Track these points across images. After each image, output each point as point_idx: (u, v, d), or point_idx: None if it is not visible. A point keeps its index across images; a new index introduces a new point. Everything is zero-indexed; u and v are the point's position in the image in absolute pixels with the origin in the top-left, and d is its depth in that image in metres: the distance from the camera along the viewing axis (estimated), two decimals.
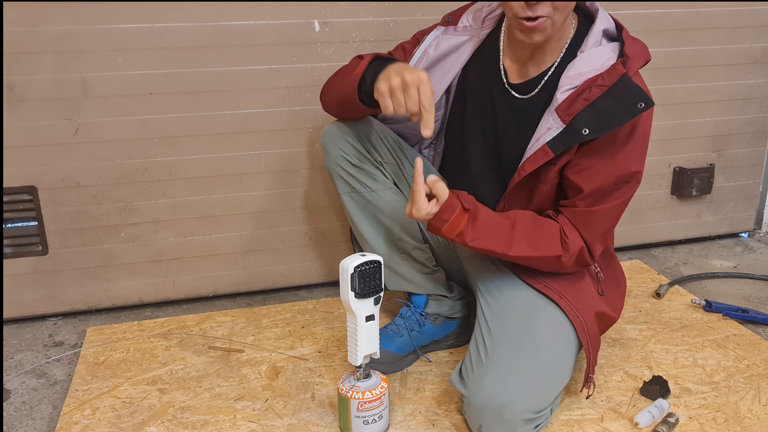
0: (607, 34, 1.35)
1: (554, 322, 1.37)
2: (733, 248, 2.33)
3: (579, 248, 1.35)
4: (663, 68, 2.08)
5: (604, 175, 1.32)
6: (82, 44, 1.67)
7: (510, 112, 1.42)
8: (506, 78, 1.42)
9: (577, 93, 1.29)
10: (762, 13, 2.13)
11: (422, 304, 1.63)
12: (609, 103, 1.26)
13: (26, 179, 1.74)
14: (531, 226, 1.34)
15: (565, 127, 1.29)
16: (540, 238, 1.34)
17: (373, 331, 1.33)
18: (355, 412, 1.32)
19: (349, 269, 1.26)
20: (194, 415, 1.43)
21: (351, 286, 1.27)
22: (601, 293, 1.47)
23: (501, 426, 1.25)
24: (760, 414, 1.42)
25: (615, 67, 1.28)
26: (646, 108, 1.26)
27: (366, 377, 1.34)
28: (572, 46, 1.36)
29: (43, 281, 1.84)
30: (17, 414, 1.47)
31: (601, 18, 1.35)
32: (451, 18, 1.49)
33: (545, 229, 1.34)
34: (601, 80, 1.28)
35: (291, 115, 1.85)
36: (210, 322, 1.84)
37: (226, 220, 1.91)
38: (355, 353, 1.32)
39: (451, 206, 1.28)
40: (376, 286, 1.30)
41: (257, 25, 1.76)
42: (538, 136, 1.33)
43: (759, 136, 2.29)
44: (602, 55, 1.31)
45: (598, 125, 1.27)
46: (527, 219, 1.35)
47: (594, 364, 1.40)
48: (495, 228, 1.32)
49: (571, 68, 1.32)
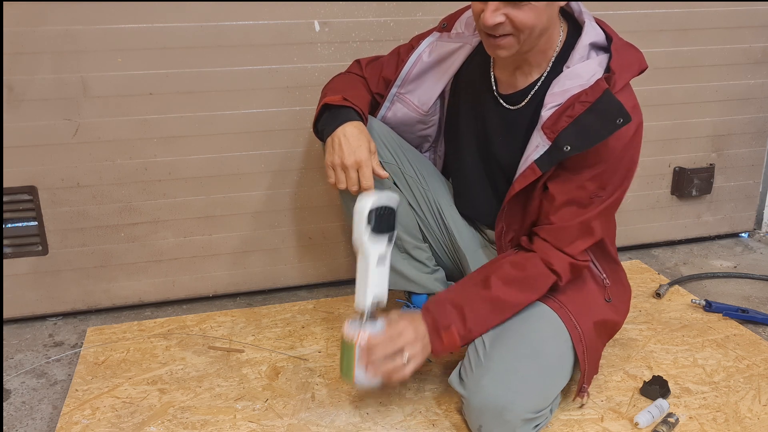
0: (595, 46, 1.32)
1: (553, 324, 1.36)
2: (733, 248, 2.33)
3: (568, 265, 1.35)
4: (663, 68, 2.08)
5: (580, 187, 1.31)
6: (82, 44, 1.67)
7: (500, 121, 1.42)
8: (496, 87, 1.42)
9: (561, 110, 1.28)
10: (762, 13, 2.13)
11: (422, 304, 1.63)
12: (591, 120, 1.25)
13: (26, 179, 1.74)
14: (515, 277, 1.34)
15: (551, 144, 1.28)
16: (528, 280, 1.34)
17: (383, 274, 1.29)
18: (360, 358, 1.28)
19: (366, 205, 1.24)
20: (194, 415, 1.43)
21: (367, 220, 1.25)
22: (608, 300, 1.47)
23: (501, 426, 1.26)
24: (760, 414, 1.42)
25: (598, 83, 1.26)
26: (624, 124, 1.24)
27: (372, 322, 1.30)
28: (560, 59, 1.35)
29: (43, 281, 1.84)
30: (17, 414, 1.47)
31: (588, 30, 1.32)
32: (447, 23, 1.50)
33: (528, 268, 1.34)
34: (584, 96, 1.26)
35: (291, 115, 1.85)
36: (210, 322, 1.84)
37: (226, 220, 1.91)
38: (363, 296, 1.28)
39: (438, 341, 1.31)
40: (391, 224, 1.27)
41: (257, 25, 1.76)
42: (528, 154, 1.32)
43: (759, 136, 2.29)
44: (588, 70, 1.29)
45: (578, 142, 1.26)
46: (508, 272, 1.34)
47: (592, 373, 1.40)
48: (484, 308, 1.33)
49: (556, 84, 1.31)
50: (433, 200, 1.56)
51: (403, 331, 1.29)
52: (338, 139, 1.34)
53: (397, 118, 1.52)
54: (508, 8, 1.21)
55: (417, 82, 1.48)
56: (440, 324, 1.31)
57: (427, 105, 1.49)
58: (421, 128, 1.54)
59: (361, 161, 1.32)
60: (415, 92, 1.49)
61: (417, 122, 1.52)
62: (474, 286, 1.36)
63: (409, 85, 1.49)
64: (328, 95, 1.43)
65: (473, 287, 1.36)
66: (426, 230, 1.58)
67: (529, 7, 1.21)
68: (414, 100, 1.49)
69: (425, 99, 1.48)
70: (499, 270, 1.35)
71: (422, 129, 1.54)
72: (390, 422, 1.40)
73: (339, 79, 1.55)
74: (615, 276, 1.51)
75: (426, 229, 1.58)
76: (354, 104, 1.40)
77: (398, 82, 1.48)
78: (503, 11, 1.21)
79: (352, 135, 1.33)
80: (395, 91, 1.49)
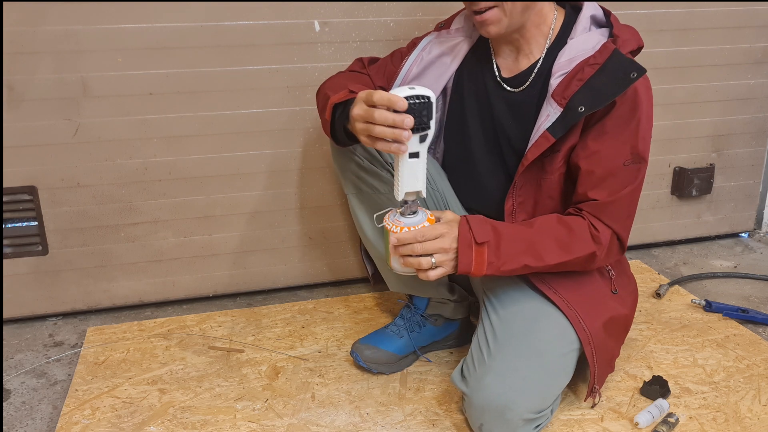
0: (595, 21, 1.36)
1: (558, 325, 1.36)
2: (733, 248, 2.33)
3: (609, 239, 1.34)
4: (663, 68, 2.08)
5: (613, 156, 1.31)
6: (82, 44, 1.67)
7: (506, 106, 1.42)
8: (499, 74, 1.43)
9: (570, 75, 1.29)
10: (762, 13, 2.13)
11: (423, 306, 1.63)
12: (603, 79, 1.26)
13: (26, 179, 1.74)
14: (558, 230, 1.32)
15: (563, 110, 1.29)
16: (571, 239, 1.31)
17: (418, 168, 1.24)
18: (391, 246, 1.27)
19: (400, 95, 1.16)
20: (194, 415, 1.43)
21: None
22: (614, 291, 1.46)
23: (502, 425, 1.26)
24: (760, 414, 1.42)
25: (605, 45, 1.29)
26: (639, 76, 1.26)
27: (412, 214, 1.27)
28: (561, 36, 1.37)
29: (43, 281, 1.84)
30: (17, 414, 1.47)
31: (588, 5, 1.37)
32: (444, 24, 1.51)
33: (573, 228, 1.32)
34: (593, 60, 1.28)
35: (291, 115, 1.85)
36: (210, 322, 1.84)
37: (226, 220, 1.91)
38: (397, 188, 1.25)
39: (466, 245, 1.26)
40: (424, 123, 1.20)
41: (257, 25, 1.76)
42: (539, 124, 1.33)
43: (759, 136, 2.29)
44: (593, 39, 1.32)
45: (592, 101, 1.26)
46: (552, 223, 1.33)
47: (605, 373, 1.39)
48: (520, 245, 1.29)
49: (562, 55, 1.33)
50: (441, 197, 1.55)
51: (439, 236, 1.25)
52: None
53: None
54: None
55: (418, 80, 1.48)
56: (476, 239, 1.26)
57: None
58: None
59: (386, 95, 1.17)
60: None
61: None
62: (518, 223, 1.35)
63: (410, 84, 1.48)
64: (330, 94, 1.40)
65: (516, 224, 1.34)
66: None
67: None
68: None
69: None
70: (547, 220, 1.34)
71: None
72: (390, 422, 1.40)
73: (341, 75, 1.54)
74: (620, 267, 1.51)
75: None
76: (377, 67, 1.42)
77: (399, 81, 1.48)
78: None
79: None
80: None
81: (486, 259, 1.26)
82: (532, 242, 1.30)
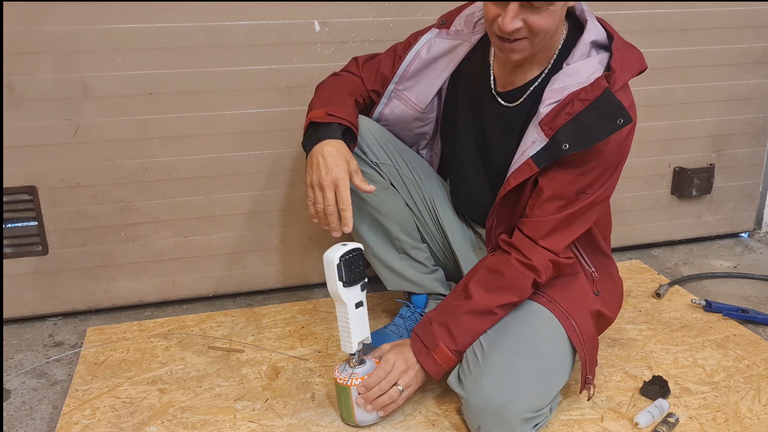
0: (596, 45, 1.31)
1: (548, 322, 1.37)
2: (733, 248, 2.33)
3: (548, 262, 1.34)
4: (663, 68, 2.08)
5: (569, 183, 1.30)
6: (82, 44, 1.67)
7: (497, 119, 1.42)
8: (494, 85, 1.42)
9: (560, 107, 1.27)
10: (762, 13, 2.13)
11: (422, 304, 1.63)
12: (590, 118, 1.24)
13: (26, 179, 1.74)
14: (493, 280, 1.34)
15: (548, 141, 1.27)
16: (505, 281, 1.33)
17: (363, 317, 1.33)
18: (357, 399, 1.32)
19: (334, 260, 1.26)
20: (194, 415, 1.43)
21: (338, 276, 1.27)
22: (596, 293, 1.47)
23: (500, 426, 1.26)
24: (760, 414, 1.42)
25: (599, 81, 1.25)
26: (625, 125, 1.24)
27: (361, 363, 1.34)
28: (560, 57, 1.34)
29: (43, 281, 1.84)
30: (17, 414, 1.47)
31: (590, 29, 1.31)
32: (446, 20, 1.49)
33: (506, 274, 1.34)
34: (584, 94, 1.25)
35: (291, 115, 1.85)
36: (210, 322, 1.84)
37: (226, 220, 1.91)
38: (349, 341, 1.31)
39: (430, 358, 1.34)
40: (361, 272, 1.30)
41: (257, 25, 1.76)
42: (523, 149, 1.31)
43: (759, 136, 2.29)
44: (588, 68, 1.28)
45: (577, 140, 1.25)
46: (484, 277, 1.35)
47: (593, 365, 1.39)
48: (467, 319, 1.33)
49: (555, 81, 1.29)
50: (429, 200, 1.56)
51: (394, 363, 1.33)
52: (316, 159, 1.33)
53: (394, 115, 1.51)
54: (526, 13, 1.20)
55: (415, 79, 1.48)
56: (429, 345, 1.33)
57: (424, 102, 1.48)
58: (418, 126, 1.54)
59: (338, 180, 1.30)
60: (413, 89, 1.48)
61: (414, 119, 1.52)
62: (456, 299, 1.37)
63: (406, 82, 1.48)
64: (314, 107, 1.42)
65: (455, 300, 1.37)
66: (423, 230, 1.58)
67: (548, 11, 1.20)
68: (411, 96, 1.49)
69: (423, 96, 1.48)
70: (477, 278, 1.36)
71: (419, 126, 1.54)
72: (390, 422, 1.40)
73: (329, 84, 1.53)
74: (604, 270, 1.51)
75: (423, 229, 1.58)
76: (339, 117, 1.38)
77: (396, 78, 1.48)
78: (522, 16, 1.20)
79: (329, 154, 1.32)
80: (393, 88, 1.49)
81: (448, 350, 1.33)
82: (477, 310, 1.34)
